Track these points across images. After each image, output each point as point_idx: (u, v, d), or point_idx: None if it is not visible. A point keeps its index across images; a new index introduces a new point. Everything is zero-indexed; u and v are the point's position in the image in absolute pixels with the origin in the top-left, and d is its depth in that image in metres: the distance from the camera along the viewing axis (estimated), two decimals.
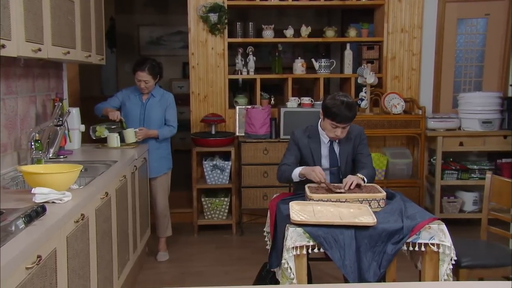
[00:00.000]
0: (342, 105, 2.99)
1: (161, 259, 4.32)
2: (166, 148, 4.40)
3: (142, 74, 4.12)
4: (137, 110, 4.22)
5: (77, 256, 2.38)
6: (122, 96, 4.28)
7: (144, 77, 4.12)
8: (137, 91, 4.25)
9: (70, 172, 2.48)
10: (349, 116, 3.01)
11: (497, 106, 4.83)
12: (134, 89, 4.27)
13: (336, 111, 3.00)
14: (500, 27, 5.15)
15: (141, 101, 4.24)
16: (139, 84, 4.15)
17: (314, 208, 2.75)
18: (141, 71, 4.12)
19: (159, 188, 4.35)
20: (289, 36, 5.15)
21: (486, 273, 3.05)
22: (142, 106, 4.22)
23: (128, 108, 4.22)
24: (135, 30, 8.64)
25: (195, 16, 5.02)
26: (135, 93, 4.25)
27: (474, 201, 4.97)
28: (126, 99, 4.25)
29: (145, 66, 4.13)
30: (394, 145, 5.21)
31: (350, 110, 3.00)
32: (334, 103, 3.02)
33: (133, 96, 4.25)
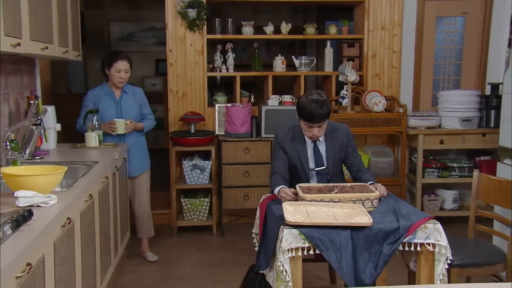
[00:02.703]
0: (314, 104, 2.93)
1: (153, 259, 4.23)
2: (144, 144, 4.29)
3: (123, 63, 3.97)
4: (112, 109, 4.05)
5: (64, 262, 2.24)
6: (91, 100, 4.05)
7: (125, 66, 3.97)
8: (106, 90, 4.05)
9: (54, 174, 2.34)
10: (322, 114, 2.95)
11: (475, 104, 4.88)
12: (101, 89, 4.08)
13: (308, 110, 2.94)
14: (477, 26, 5.21)
15: (114, 99, 4.07)
16: (119, 74, 3.97)
17: (307, 209, 2.68)
18: (121, 59, 3.96)
19: (143, 186, 4.23)
20: (269, 33, 5.08)
21: (475, 271, 3.05)
22: (117, 104, 4.07)
23: (103, 110, 4.01)
24: (105, 26, 8.40)
25: (173, 11, 4.89)
26: (104, 93, 4.06)
27: (454, 199, 5.01)
28: (97, 101, 4.04)
29: (124, 55, 4.00)
30: (375, 143, 5.20)
31: (321, 108, 2.93)
32: (305, 102, 2.96)
33: (104, 97, 4.05)
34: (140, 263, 4.20)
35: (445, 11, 5.22)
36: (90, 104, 4.03)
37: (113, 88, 4.07)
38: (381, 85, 5.13)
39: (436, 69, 5.29)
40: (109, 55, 4.04)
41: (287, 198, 2.84)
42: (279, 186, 2.95)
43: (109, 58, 4.00)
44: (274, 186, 3.00)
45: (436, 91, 5.24)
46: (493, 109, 4.86)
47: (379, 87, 5.10)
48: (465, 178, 4.95)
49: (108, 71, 4.00)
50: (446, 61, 5.31)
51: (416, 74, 5.18)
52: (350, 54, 5.16)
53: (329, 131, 3.12)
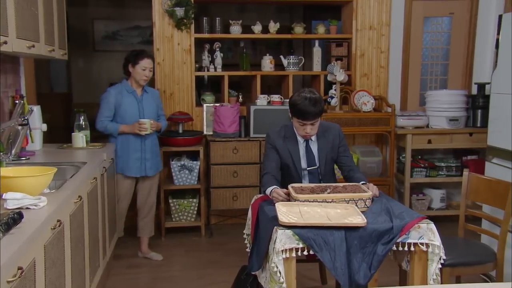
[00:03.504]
0: (307, 101, 2.91)
1: (158, 258, 4.24)
2: (158, 145, 4.28)
3: (148, 60, 3.95)
4: (135, 108, 4.00)
5: (54, 265, 2.19)
6: (114, 97, 3.96)
7: (150, 64, 3.96)
8: (127, 88, 3.98)
9: (44, 175, 2.28)
10: (315, 111, 2.94)
11: (462, 104, 4.91)
12: (123, 87, 4.00)
13: (301, 108, 2.92)
14: (464, 26, 5.25)
15: (136, 97, 4.01)
16: (144, 73, 3.93)
17: (300, 209, 2.66)
18: (147, 57, 3.94)
19: (153, 187, 4.26)
20: (257, 32, 5.05)
21: (466, 271, 3.06)
22: (139, 103, 4.01)
23: (125, 107, 3.96)
24: (89, 24, 8.27)
25: (160, 10, 4.83)
26: (126, 91, 3.98)
27: (442, 198, 5.04)
28: (119, 99, 3.96)
29: (149, 53, 4.00)
30: (364, 143, 5.21)
31: (315, 106, 2.92)
32: (298, 100, 2.95)
33: (126, 94, 3.98)
34: (128, 264, 4.14)
35: (432, 11, 5.24)
36: (113, 100, 3.94)
37: (134, 86, 4.00)
38: (369, 84, 5.14)
39: (424, 69, 5.32)
40: (134, 53, 3.98)
41: (280, 198, 2.81)
42: (271, 186, 2.93)
43: (134, 56, 3.94)
44: (266, 187, 2.97)
45: (424, 91, 5.26)
46: (479, 109, 4.90)
47: (367, 86, 5.11)
48: (452, 178, 4.99)
49: (133, 68, 3.94)
50: (433, 61, 5.34)
51: (404, 74, 5.20)
52: (339, 54, 5.16)
53: (321, 130, 3.11)
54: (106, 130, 3.97)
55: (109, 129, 3.96)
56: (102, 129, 3.97)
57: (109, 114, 3.95)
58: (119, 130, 3.96)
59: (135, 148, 4.02)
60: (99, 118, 3.96)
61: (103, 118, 3.95)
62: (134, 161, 4.04)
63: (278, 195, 2.82)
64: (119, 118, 3.97)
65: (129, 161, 4.03)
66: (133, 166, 4.04)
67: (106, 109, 3.95)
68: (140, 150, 4.04)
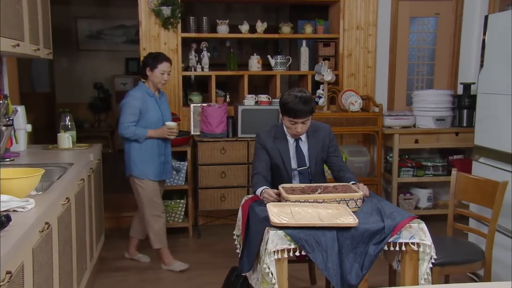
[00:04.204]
0: (297, 100, 2.91)
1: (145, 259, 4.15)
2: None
3: (167, 64, 3.84)
4: (157, 111, 3.89)
5: (42, 269, 2.14)
6: (139, 102, 3.79)
7: (169, 67, 3.86)
8: (148, 91, 3.85)
9: (31, 177, 2.23)
10: (306, 110, 2.93)
11: (449, 104, 4.95)
12: (143, 90, 3.86)
13: (292, 106, 2.92)
14: (449, 26, 5.29)
15: (156, 101, 3.90)
16: (163, 76, 3.82)
17: (292, 210, 2.64)
18: (166, 61, 3.83)
19: (162, 190, 4.17)
20: (244, 32, 5.02)
21: (455, 270, 3.07)
22: (160, 107, 3.92)
23: (149, 111, 3.83)
24: (72, 23, 8.17)
25: (146, 9, 4.78)
26: (148, 94, 3.86)
27: (429, 198, 5.07)
28: (144, 103, 3.81)
29: (167, 57, 3.89)
30: (351, 143, 5.22)
31: (306, 104, 2.91)
32: (289, 98, 2.94)
33: (148, 98, 3.85)
34: (115, 267, 4.08)
35: (418, 12, 5.27)
36: (138, 105, 3.78)
37: (152, 89, 3.89)
38: (356, 84, 5.14)
39: (410, 69, 5.35)
40: (152, 56, 3.86)
41: (270, 199, 2.80)
42: (262, 187, 2.91)
43: (153, 59, 3.83)
44: (256, 187, 2.95)
45: (410, 90, 5.29)
46: (465, 108, 4.94)
47: (354, 86, 5.12)
48: (439, 177, 5.02)
49: (151, 72, 3.82)
50: (420, 61, 5.38)
51: (391, 74, 5.22)
52: (326, 54, 5.15)
53: (311, 131, 3.10)
54: (134, 136, 3.78)
55: (138, 134, 3.79)
56: (130, 135, 3.78)
57: (134, 119, 3.77)
58: (148, 135, 3.82)
59: (160, 152, 3.92)
60: (124, 124, 3.77)
61: (129, 124, 3.76)
62: (159, 165, 3.92)
63: (269, 196, 2.80)
64: (145, 122, 3.81)
65: (154, 166, 3.89)
66: (157, 170, 3.92)
67: (131, 114, 3.76)
68: (164, 154, 3.96)
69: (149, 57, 3.88)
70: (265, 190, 2.85)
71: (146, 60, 3.89)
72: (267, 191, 2.84)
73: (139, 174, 3.88)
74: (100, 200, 3.96)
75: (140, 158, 3.85)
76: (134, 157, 3.85)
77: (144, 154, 3.86)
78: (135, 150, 3.85)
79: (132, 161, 3.86)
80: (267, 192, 2.82)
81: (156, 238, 3.98)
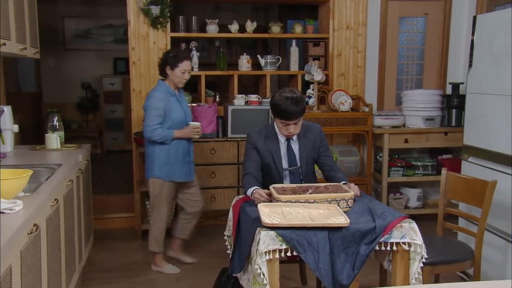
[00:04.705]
0: (288, 101, 2.90)
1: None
2: None
3: (188, 63, 3.74)
4: (180, 110, 3.81)
5: (30, 271, 2.11)
6: (163, 103, 3.70)
7: (189, 66, 3.77)
8: (170, 90, 3.77)
9: (19, 178, 2.19)
10: (297, 111, 2.92)
11: (438, 104, 4.97)
12: (164, 89, 3.76)
13: (283, 108, 2.91)
14: (438, 27, 5.31)
15: (178, 100, 3.82)
16: (183, 75, 3.74)
17: (283, 210, 2.64)
18: (187, 59, 3.73)
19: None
20: (234, 31, 5.00)
21: (445, 269, 3.08)
22: (181, 105, 3.84)
23: (173, 111, 3.75)
24: (59, 22, 8.09)
25: (135, 8, 4.74)
26: (170, 93, 3.77)
27: (418, 197, 5.09)
28: (167, 104, 3.72)
29: (188, 55, 3.81)
30: (341, 142, 5.22)
31: (297, 105, 2.91)
32: (280, 100, 2.93)
33: (170, 97, 3.75)
34: (104, 269, 4.04)
35: (407, 12, 5.29)
36: (162, 105, 3.69)
37: (172, 88, 3.80)
38: (346, 84, 5.15)
39: (400, 69, 5.36)
40: (173, 55, 3.75)
41: (261, 199, 2.78)
42: (252, 187, 2.90)
43: (174, 58, 3.72)
44: (247, 187, 2.94)
45: (400, 90, 5.31)
46: (454, 108, 4.97)
47: (344, 86, 5.12)
48: (428, 177, 5.04)
49: (171, 71, 3.73)
50: (409, 61, 5.39)
51: (380, 74, 5.23)
52: (316, 54, 5.15)
53: (302, 130, 3.09)
54: (162, 138, 3.68)
55: (165, 136, 3.69)
56: (157, 138, 3.68)
57: (159, 120, 3.67)
58: (175, 136, 3.73)
59: (186, 153, 3.84)
60: (151, 126, 3.66)
61: (155, 126, 3.66)
62: (184, 166, 3.84)
63: (260, 196, 2.79)
64: (169, 123, 3.72)
65: (180, 167, 3.81)
66: (182, 171, 3.84)
67: (156, 116, 3.66)
68: (188, 154, 3.88)
69: (169, 56, 3.77)
70: (256, 191, 2.84)
71: (166, 58, 3.78)
72: (258, 191, 2.82)
73: (164, 176, 3.77)
74: (89, 201, 3.91)
75: (166, 160, 3.75)
76: (159, 159, 3.75)
77: (170, 156, 3.76)
78: (160, 152, 3.74)
79: (156, 163, 3.75)
80: (258, 193, 2.81)
81: (155, 241, 3.93)
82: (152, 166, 3.78)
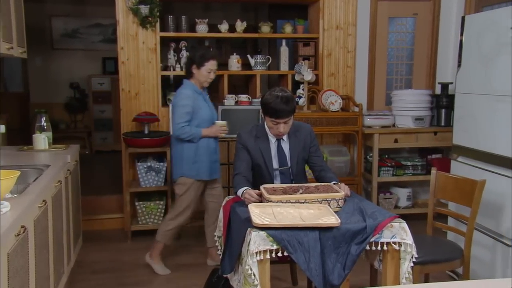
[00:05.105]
0: (278, 100, 2.90)
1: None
2: None
3: (214, 62, 3.72)
4: (208, 109, 3.80)
5: (18, 274, 2.08)
6: (191, 101, 3.68)
7: (215, 65, 3.74)
8: (196, 89, 3.74)
9: (6, 179, 2.16)
10: (288, 109, 2.92)
11: (427, 104, 4.99)
12: (191, 88, 3.74)
13: (273, 106, 2.91)
14: (427, 27, 5.33)
15: (204, 98, 3.80)
16: (209, 75, 3.72)
17: (273, 210, 2.63)
18: (213, 59, 3.70)
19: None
20: (224, 31, 4.99)
21: (435, 268, 3.09)
22: (208, 105, 3.82)
23: (203, 110, 3.73)
24: (46, 21, 8.01)
25: (124, 7, 4.70)
26: (197, 92, 3.75)
27: (408, 197, 5.10)
28: (196, 102, 3.70)
29: (214, 54, 3.76)
30: (331, 142, 5.22)
31: (287, 104, 2.91)
32: (270, 99, 2.93)
33: (197, 95, 3.74)
34: (93, 270, 4.01)
35: (397, 12, 5.31)
36: (191, 103, 3.67)
37: (198, 87, 3.79)
38: (336, 84, 5.15)
39: (389, 69, 5.38)
40: (200, 54, 3.73)
41: (252, 199, 2.77)
42: (243, 187, 2.89)
43: (200, 57, 3.70)
44: (237, 188, 2.93)
45: (390, 90, 5.32)
46: (443, 108, 4.99)
47: (334, 86, 5.12)
48: (418, 176, 5.06)
49: (197, 70, 3.71)
50: (398, 61, 5.41)
51: (370, 74, 5.24)
52: (306, 53, 5.15)
53: (293, 130, 3.09)
54: (190, 136, 3.67)
55: (194, 134, 3.68)
56: (186, 135, 3.67)
57: (188, 118, 3.67)
58: (202, 134, 3.72)
59: (213, 151, 3.83)
60: (179, 124, 3.65)
61: (184, 124, 3.65)
62: (211, 164, 3.83)
63: (250, 196, 2.78)
64: (197, 121, 3.71)
65: (207, 165, 3.80)
66: (209, 169, 3.83)
67: (185, 113, 3.66)
68: (215, 153, 3.87)
69: (195, 55, 3.75)
70: (247, 191, 2.83)
71: (193, 56, 3.75)
72: (249, 191, 2.81)
73: (193, 175, 3.77)
74: (78, 202, 3.88)
75: (195, 158, 3.75)
76: (188, 158, 3.74)
77: (199, 154, 3.76)
78: (189, 150, 3.72)
79: (185, 161, 3.74)
80: (249, 193, 2.80)
81: (165, 234, 3.90)
82: (181, 165, 3.76)
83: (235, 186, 2.96)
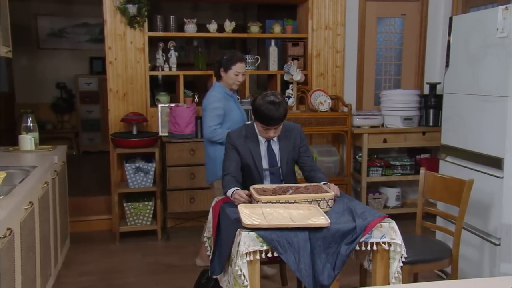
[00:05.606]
0: (271, 106, 2.87)
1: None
2: None
3: (242, 65, 3.65)
4: (238, 111, 3.74)
5: (4, 277, 2.05)
6: (222, 103, 3.63)
7: (244, 68, 3.67)
8: (227, 91, 3.70)
9: None
10: (279, 116, 2.89)
11: (416, 104, 5.01)
12: (221, 90, 3.69)
13: (265, 113, 2.88)
14: (415, 27, 5.36)
15: (234, 101, 3.76)
16: (237, 77, 3.66)
17: (263, 211, 2.61)
18: (241, 61, 3.65)
19: None
20: (212, 31, 4.97)
21: (424, 267, 3.10)
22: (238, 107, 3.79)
23: (234, 112, 3.69)
24: (32, 20, 7.92)
25: (111, 6, 4.67)
26: (228, 94, 3.70)
27: (397, 197, 5.12)
28: (226, 104, 3.65)
29: (243, 57, 3.72)
30: (321, 142, 5.22)
31: (278, 110, 2.88)
32: (262, 105, 2.89)
33: (228, 97, 3.69)
34: (81, 272, 3.96)
35: (385, 12, 5.33)
36: (222, 105, 3.62)
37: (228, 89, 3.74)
38: (325, 84, 5.15)
39: (378, 69, 5.40)
40: (227, 57, 3.68)
41: (241, 200, 2.76)
42: (232, 188, 2.87)
43: (228, 60, 3.65)
44: (226, 188, 2.91)
45: (378, 90, 5.34)
46: (431, 108, 5.01)
47: (323, 86, 5.12)
48: (407, 176, 5.09)
49: (225, 73, 3.66)
50: (387, 61, 5.43)
51: (359, 74, 5.25)
52: (295, 53, 5.14)
53: (282, 131, 3.07)
54: (221, 138, 3.56)
55: (220, 132, 3.61)
56: (218, 138, 3.60)
57: (219, 120, 3.61)
58: None
59: None
60: (211, 126, 3.60)
61: (215, 126, 3.60)
62: None
63: (240, 197, 2.76)
64: (229, 123, 3.64)
65: None
66: None
67: (216, 116, 3.60)
68: None
69: (223, 58, 3.71)
70: (236, 191, 2.81)
71: (220, 60, 3.72)
72: (238, 192, 2.80)
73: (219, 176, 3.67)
74: (65, 204, 3.84)
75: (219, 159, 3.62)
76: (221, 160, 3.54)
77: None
78: (222, 153, 3.52)
79: (219, 164, 3.58)
80: (238, 193, 2.78)
81: None
82: (216, 168, 3.67)
83: (225, 186, 2.94)
